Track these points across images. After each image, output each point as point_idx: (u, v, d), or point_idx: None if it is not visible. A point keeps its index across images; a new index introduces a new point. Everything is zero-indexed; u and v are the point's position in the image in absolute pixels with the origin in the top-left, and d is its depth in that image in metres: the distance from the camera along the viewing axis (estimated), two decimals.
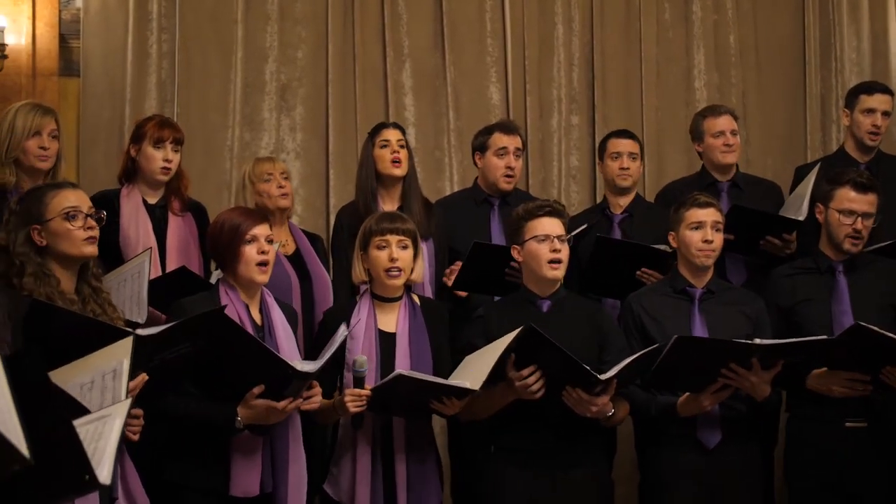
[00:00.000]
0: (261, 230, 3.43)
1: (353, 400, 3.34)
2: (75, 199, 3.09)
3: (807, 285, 3.90)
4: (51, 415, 1.98)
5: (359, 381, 3.36)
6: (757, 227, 4.31)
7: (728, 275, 4.36)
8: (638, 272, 4.21)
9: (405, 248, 3.57)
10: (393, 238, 3.55)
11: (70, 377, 2.53)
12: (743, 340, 3.45)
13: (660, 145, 6.00)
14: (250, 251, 3.38)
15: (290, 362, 3.21)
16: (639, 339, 3.69)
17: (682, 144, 5.87)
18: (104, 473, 2.05)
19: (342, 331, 3.37)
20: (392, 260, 3.53)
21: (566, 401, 3.40)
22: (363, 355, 3.40)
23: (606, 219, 4.64)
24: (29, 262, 2.98)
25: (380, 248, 3.55)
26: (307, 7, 5.64)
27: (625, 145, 4.68)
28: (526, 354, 3.34)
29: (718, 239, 3.77)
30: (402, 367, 3.46)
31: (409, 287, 3.67)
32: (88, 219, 3.07)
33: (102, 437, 2.17)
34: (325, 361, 3.25)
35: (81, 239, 3.03)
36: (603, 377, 3.32)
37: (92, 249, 3.07)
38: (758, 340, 3.43)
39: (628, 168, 4.63)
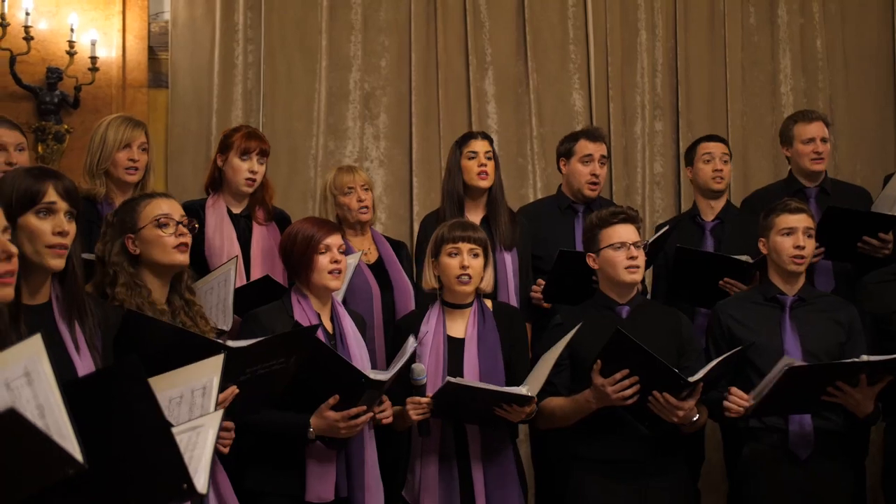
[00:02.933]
0: (333, 240, 3.48)
1: (414, 408, 3.40)
2: (167, 207, 3.11)
3: None
4: (151, 423, 2.00)
5: (419, 390, 3.41)
6: (852, 229, 4.21)
7: (816, 283, 4.27)
8: (721, 282, 4.16)
9: (476, 256, 3.59)
10: (465, 246, 3.58)
11: (159, 389, 2.55)
12: (851, 360, 3.37)
13: (745, 151, 5.93)
14: (323, 260, 3.43)
15: (362, 371, 3.23)
16: (726, 349, 3.60)
17: (768, 150, 5.81)
18: (201, 482, 2.08)
19: (411, 342, 3.40)
20: (463, 267, 3.56)
21: (652, 406, 3.37)
22: (421, 364, 3.44)
23: (697, 226, 4.59)
24: (122, 272, 3.01)
25: (451, 255, 3.58)
26: (390, 16, 5.68)
27: (717, 147, 4.64)
28: (612, 361, 3.31)
29: (810, 245, 3.71)
30: (470, 371, 3.49)
31: (479, 293, 3.67)
32: (179, 226, 3.09)
33: (197, 446, 2.20)
34: (396, 372, 3.28)
35: (172, 246, 3.04)
36: (691, 380, 3.29)
37: (183, 258, 3.08)
38: (865, 357, 3.35)
39: (722, 170, 4.58)
